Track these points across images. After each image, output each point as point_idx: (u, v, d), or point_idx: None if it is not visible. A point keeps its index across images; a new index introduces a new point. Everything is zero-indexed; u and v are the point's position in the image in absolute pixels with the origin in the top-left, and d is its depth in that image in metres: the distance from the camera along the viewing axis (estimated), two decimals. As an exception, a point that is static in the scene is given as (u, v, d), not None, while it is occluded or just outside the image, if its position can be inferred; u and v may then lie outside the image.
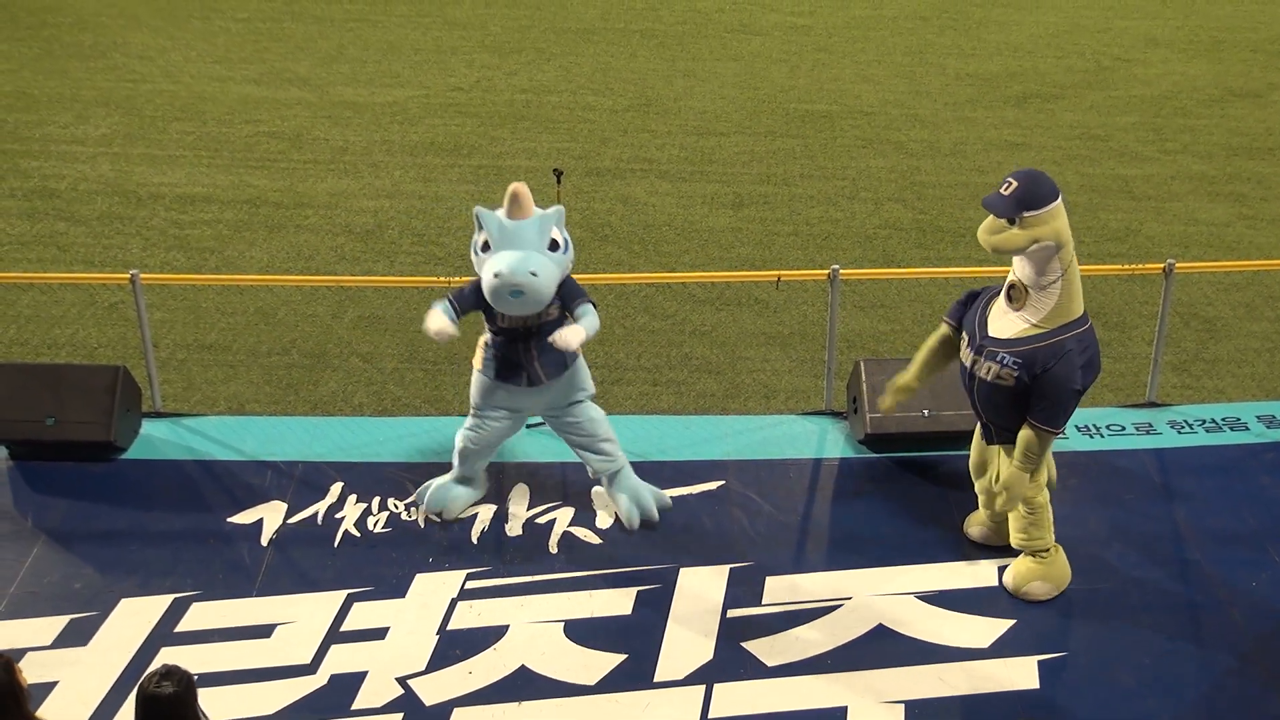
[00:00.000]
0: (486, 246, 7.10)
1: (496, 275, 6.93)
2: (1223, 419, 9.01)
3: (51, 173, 12.75)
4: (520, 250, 6.99)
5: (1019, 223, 6.70)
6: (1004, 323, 6.97)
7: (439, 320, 7.20)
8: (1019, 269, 6.92)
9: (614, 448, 7.85)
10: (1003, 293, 7.03)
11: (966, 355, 7.12)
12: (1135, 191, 12.87)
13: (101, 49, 15.99)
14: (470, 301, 7.30)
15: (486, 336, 7.52)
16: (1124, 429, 8.84)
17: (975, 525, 7.77)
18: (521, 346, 7.38)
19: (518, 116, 14.35)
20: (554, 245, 7.13)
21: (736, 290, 10.80)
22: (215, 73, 15.35)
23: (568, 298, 7.32)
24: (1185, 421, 8.97)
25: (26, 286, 10.55)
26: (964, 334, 7.20)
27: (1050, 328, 6.88)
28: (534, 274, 6.94)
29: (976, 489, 7.64)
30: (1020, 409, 7.01)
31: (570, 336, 7.12)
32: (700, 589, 7.41)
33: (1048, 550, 7.37)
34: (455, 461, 7.85)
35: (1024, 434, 7.03)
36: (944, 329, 7.39)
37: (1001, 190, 6.73)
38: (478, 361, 7.59)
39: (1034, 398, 6.93)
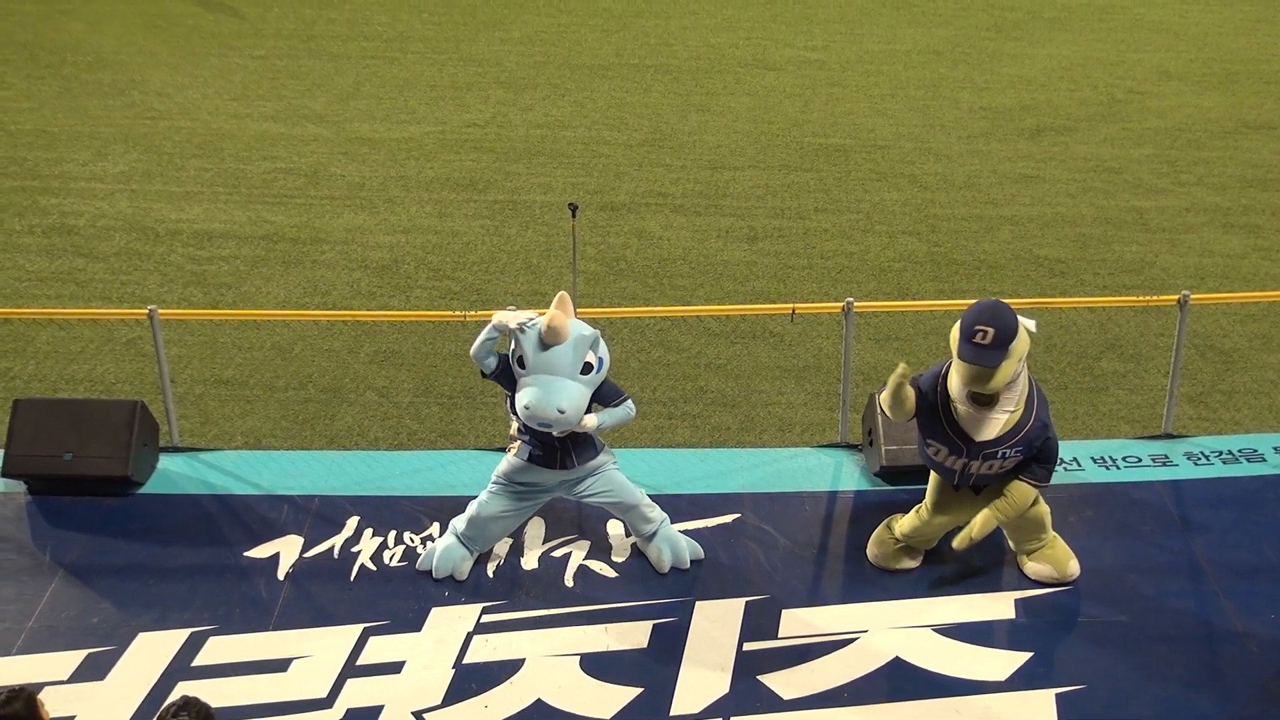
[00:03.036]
0: (522, 362, 7.16)
1: (526, 408, 7.06)
2: (1239, 450, 8.98)
3: (70, 209, 12.84)
4: (553, 376, 7.06)
5: (1007, 356, 6.78)
6: (983, 425, 7.07)
7: (499, 315, 7.24)
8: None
9: (650, 506, 7.83)
10: (968, 399, 7.02)
11: (954, 463, 7.22)
12: (1150, 223, 12.87)
13: (120, 87, 16.12)
14: (506, 372, 7.34)
15: (517, 427, 7.53)
16: (1140, 461, 8.81)
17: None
18: (556, 438, 7.42)
19: (533, 152, 14.42)
20: (587, 367, 7.18)
21: (751, 323, 10.81)
22: (233, 110, 15.47)
23: (607, 398, 7.43)
24: (1202, 453, 8.94)
25: (45, 322, 10.62)
26: (935, 444, 7.23)
27: (1024, 406, 7.08)
28: (561, 411, 7.02)
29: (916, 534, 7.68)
30: (1011, 473, 7.27)
31: (587, 420, 7.26)
32: (716, 622, 7.40)
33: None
34: (464, 522, 7.74)
35: (1023, 491, 7.25)
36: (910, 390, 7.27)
37: (977, 341, 6.75)
38: (512, 451, 7.58)
39: (1035, 462, 7.21)
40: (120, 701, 6.80)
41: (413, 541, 7.98)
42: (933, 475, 7.62)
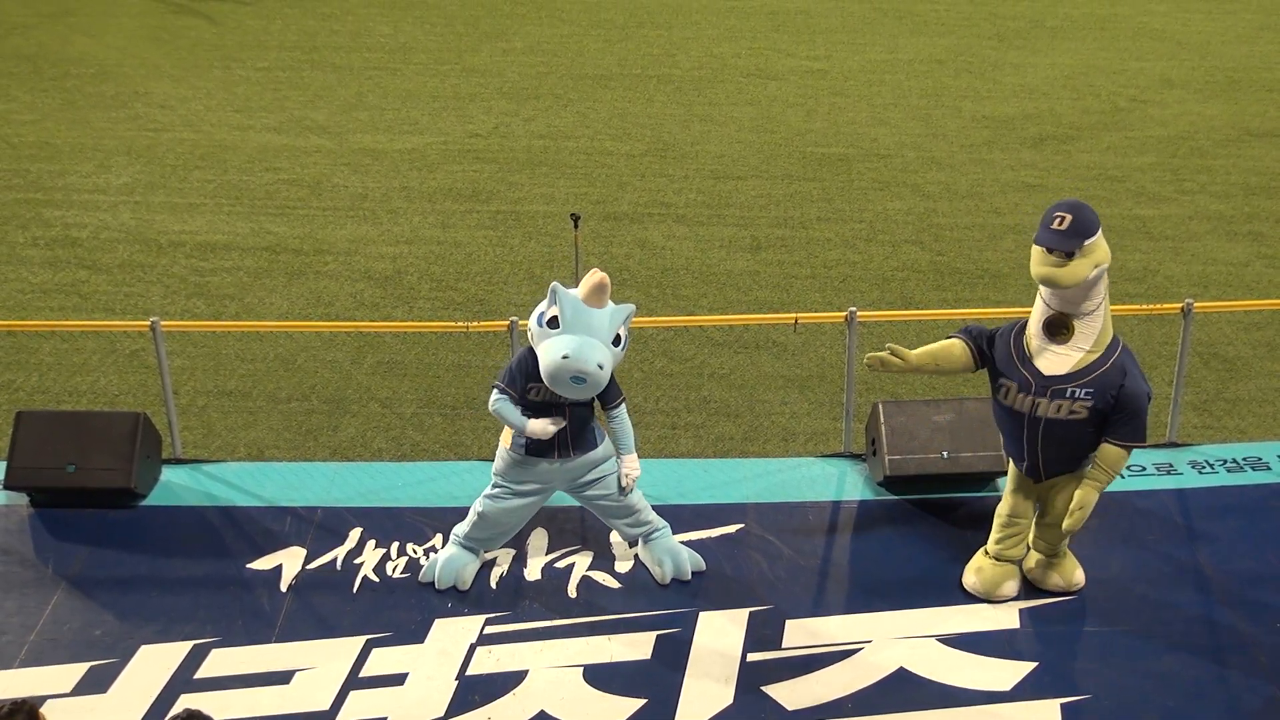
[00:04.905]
0: (554, 323, 7.09)
1: (565, 357, 6.96)
2: (1244, 459, 8.96)
3: (74, 221, 12.85)
4: (591, 338, 7.04)
5: (1080, 252, 6.70)
6: (1055, 360, 6.98)
7: (540, 423, 7.26)
8: (1063, 301, 6.91)
9: (648, 510, 7.83)
10: (1040, 330, 6.99)
11: (1023, 401, 7.07)
12: (1153, 232, 12.86)
13: (123, 99, 16.15)
14: (520, 382, 7.27)
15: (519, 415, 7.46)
16: (1145, 469, 8.79)
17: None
18: (555, 415, 7.37)
19: (535, 162, 14.43)
20: (617, 339, 7.18)
21: (755, 333, 10.81)
22: (236, 121, 15.49)
23: (609, 397, 7.41)
24: (1206, 461, 8.92)
25: (48, 334, 10.62)
26: (1006, 382, 7.14)
27: (1103, 350, 6.96)
28: (600, 366, 7.01)
29: (1004, 533, 7.58)
30: (1087, 437, 7.10)
31: (634, 474, 7.52)
32: (720, 633, 7.38)
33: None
34: (467, 526, 7.74)
35: (1112, 453, 7.06)
36: (959, 342, 7.33)
37: (1054, 226, 6.71)
38: (506, 440, 7.55)
39: (1116, 419, 7.00)
40: (123, 714, 6.79)
41: (416, 553, 7.97)
42: (1009, 478, 7.55)
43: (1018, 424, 7.21)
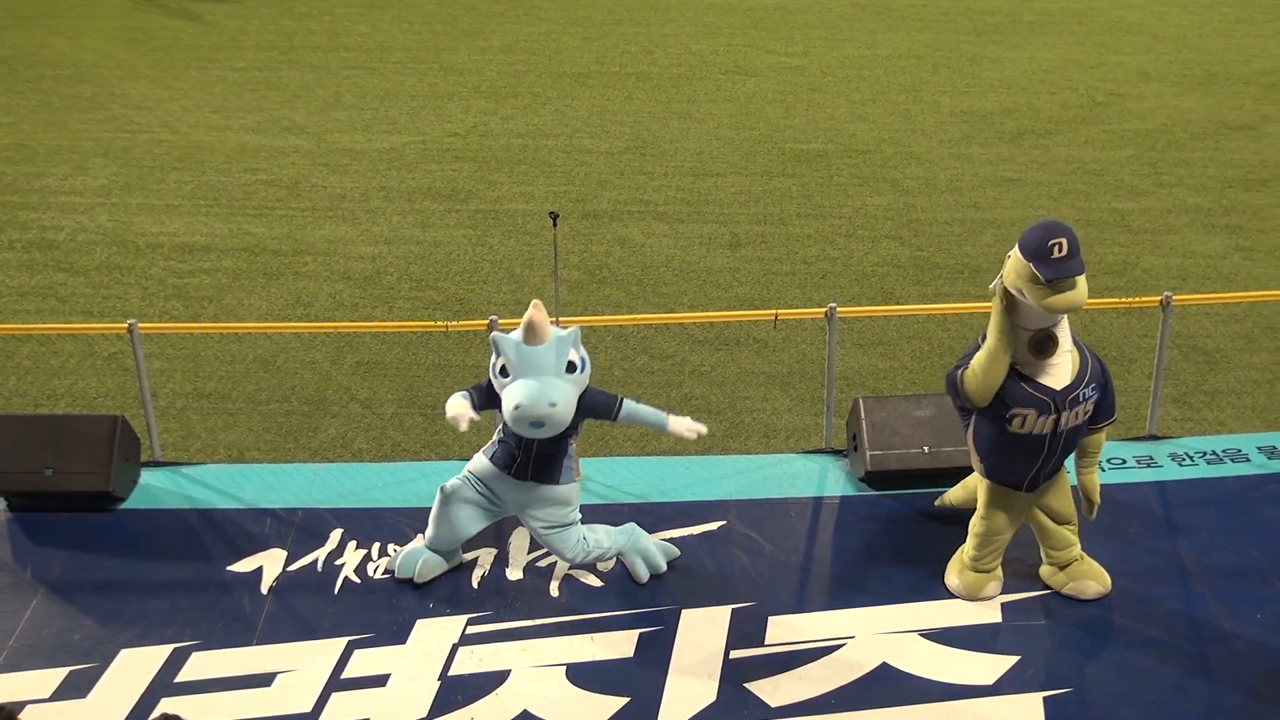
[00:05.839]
0: (504, 371, 7.09)
1: (517, 408, 6.96)
2: (1224, 451, 8.99)
3: (50, 224, 12.78)
4: (538, 378, 7.00)
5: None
6: (1056, 372, 6.97)
7: (458, 404, 7.22)
8: (1056, 317, 6.90)
9: (587, 547, 7.61)
10: (1029, 354, 6.92)
11: (1044, 424, 7.01)
12: (1131, 225, 12.89)
13: (100, 100, 16.07)
14: (485, 399, 7.32)
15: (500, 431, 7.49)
16: (1125, 462, 8.82)
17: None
18: (526, 442, 7.29)
19: (514, 160, 14.40)
20: (571, 366, 7.12)
21: (735, 330, 10.80)
22: (213, 122, 15.42)
23: (600, 410, 7.35)
24: (1186, 454, 8.95)
25: (25, 338, 10.56)
26: (1022, 412, 6.98)
27: (1071, 344, 7.06)
28: (553, 405, 6.96)
29: (984, 550, 7.57)
30: (1084, 432, 7.26)
31: (689, 427, 7.48)
32: (702, 630, 7.38)
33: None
34: (431, 523, 7.68)
35: (1097, 438, 7.32)
36: None
37: (1057, 255, 6.64)
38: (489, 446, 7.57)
39: (1100, 404, 7.18)
40: (103, 719, 6.75)
41: (397, 554, 7.94)
42: (982, 490, 7.48)
43: (1037, 446, 7.14)
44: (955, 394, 7.16)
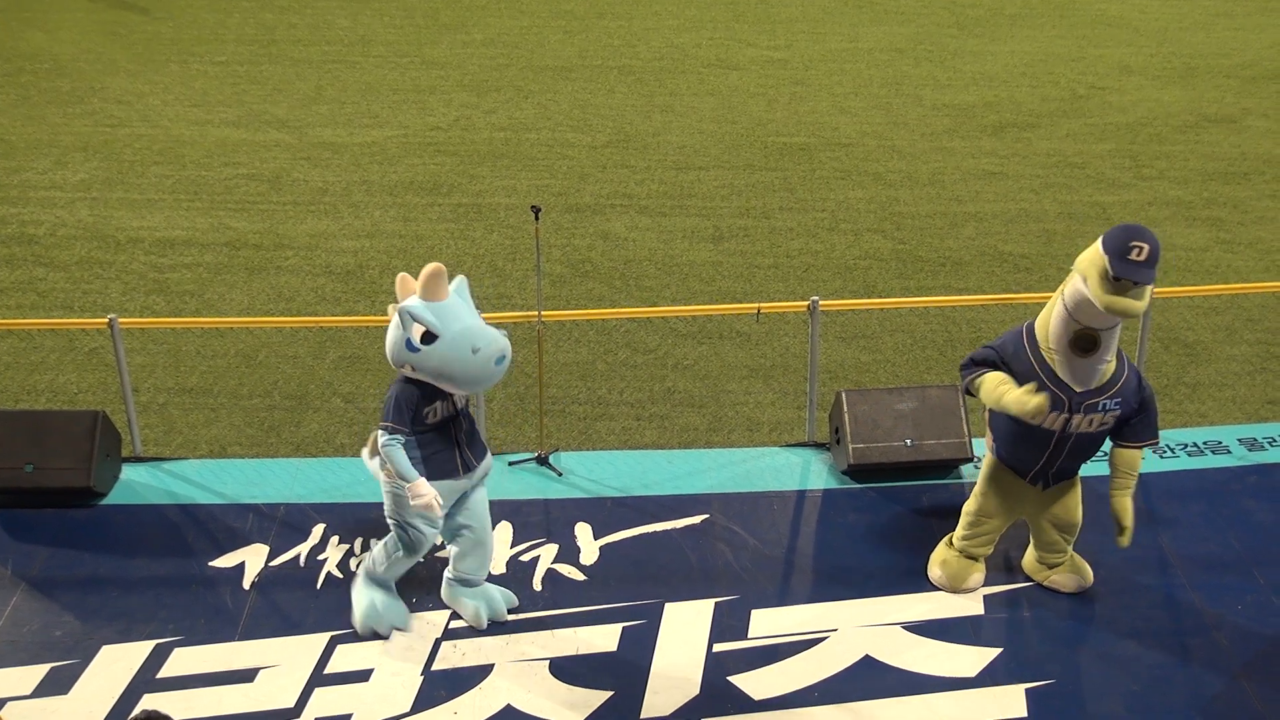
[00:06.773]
0: (427, 338, 6.66)
1: (476, 350, 6.62)
2: (1204, 443, 9.03)
3: (30, 219, 12.72)
4: (470, 321, 6.72)
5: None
6: (1084, 374, 6.90)
7: (424, 487, 6.77)
8: (1103, 319, 6.77)
9: (484, 560, 7.40)
10: (1066, 346, 6.86)
11: (1055, 420, 6.99)
12: (1113, 218, 12.92)
13: (79, 94, 15.99)
14: (410, 415, 6.80)
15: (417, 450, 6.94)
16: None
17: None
18: (453, 432, 7.00)
19: (497, 154, 14.37)
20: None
21: (718, 323, 10.80)
22: (194, 116, 15.36)
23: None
24: (1167, 446, 8.98)
25: (5, 333, 10.51)
26: None
27: (1116, 360, 6.95)
28: (506, 334, 6.85)
29: (972, 531, 7.59)
30: (1102, 442, 7.21)
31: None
32: (686, 624, 7.38)
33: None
34: (384, 563, 7.32)
35: (1135, 456, 7.19)
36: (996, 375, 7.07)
37: (1134, 258, 6.58)
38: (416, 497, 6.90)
39: (1136, 422, 7.09)
40: (84, 716, 6.73)
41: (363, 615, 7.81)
42: (983, 477, 7.50)
43: (1043, 440, 7.13)
44: (966, 389, 7.25)
